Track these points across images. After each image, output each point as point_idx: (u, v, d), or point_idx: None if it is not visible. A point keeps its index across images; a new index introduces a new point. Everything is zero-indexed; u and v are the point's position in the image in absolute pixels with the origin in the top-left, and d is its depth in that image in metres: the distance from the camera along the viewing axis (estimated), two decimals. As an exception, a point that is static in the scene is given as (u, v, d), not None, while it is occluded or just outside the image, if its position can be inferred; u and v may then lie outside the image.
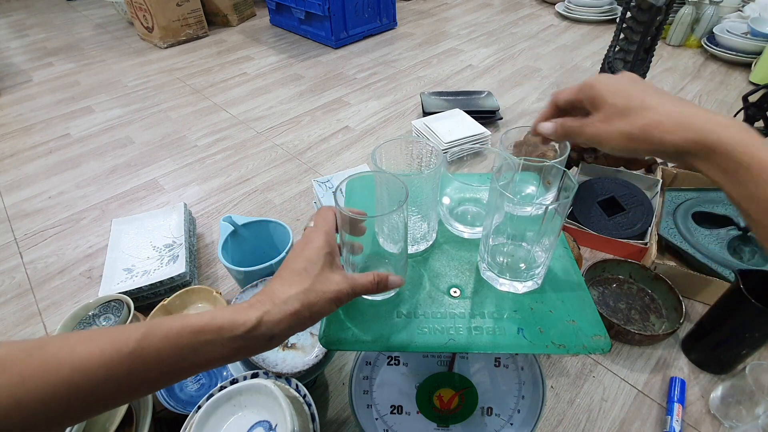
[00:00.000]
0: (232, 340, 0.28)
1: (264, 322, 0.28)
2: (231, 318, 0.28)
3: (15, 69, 1.65)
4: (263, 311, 0.29)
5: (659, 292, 0.70)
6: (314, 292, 0.30)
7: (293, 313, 0.29)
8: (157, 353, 0.26)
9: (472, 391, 0.45)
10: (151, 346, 0.25)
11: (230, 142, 1.17)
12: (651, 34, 0.84)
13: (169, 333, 0.26)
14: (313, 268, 0.31)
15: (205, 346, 0.27)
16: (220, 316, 0.28)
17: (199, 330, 0.27)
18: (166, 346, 0.26)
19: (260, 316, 0.28)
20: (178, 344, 0.26)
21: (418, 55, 1.62)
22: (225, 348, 0.28)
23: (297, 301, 0.29)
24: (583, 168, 0.90)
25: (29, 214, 0.96)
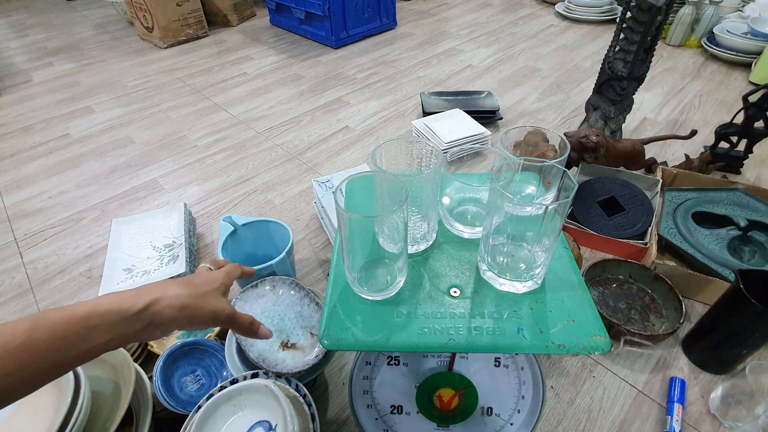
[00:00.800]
0: (118, 324, 0.29)
1: (151, 308, 0.31)
2: (117, 303, 0.30)
3: (15, 69, 1.65)
4: (152, 299, 0.31)
5: (659, 292, 0.70)
6: (203, 299, 0.35)
7: (181, 308, 0.32)
8: (46, 345, 0.26)
9: (472, 391, 0.45)
10: (39, 339, 0.26)
11: (230, 142, 1.17)
12: (651, 34, 0.84)
13: (56, 323, 0.27)
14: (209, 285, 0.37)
15: (93, 332, 0.28)
16: (105, 301, 0.30)
17: (86, 316, 0.28)
18: (54, 336, 0.26)
19: (149, 303, 0.31)
20: (66, 333, 0.27)
21: (418, 55, 1.62)
22: (111, 332, 0.29)
23: (188, 298, 0.33)
24: (583, 168, 0.90)
25: (29, 214, 0.96)
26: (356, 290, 0.40)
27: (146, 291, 0.32)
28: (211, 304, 0.35)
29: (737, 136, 0.90)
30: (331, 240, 0.83)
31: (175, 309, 0.32)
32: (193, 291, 0.34)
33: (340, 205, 0.33)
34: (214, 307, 0.35)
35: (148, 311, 0.31)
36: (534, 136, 0.46)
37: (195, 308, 0.34)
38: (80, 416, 0.43)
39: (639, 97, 1.21)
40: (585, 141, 0.84)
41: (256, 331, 0.40)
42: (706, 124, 1.14)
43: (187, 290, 0.34)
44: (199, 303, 0.34)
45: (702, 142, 1.05)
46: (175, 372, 0.57)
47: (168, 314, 0.32)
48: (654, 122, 1.17)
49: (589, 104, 1.02)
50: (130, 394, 0.47)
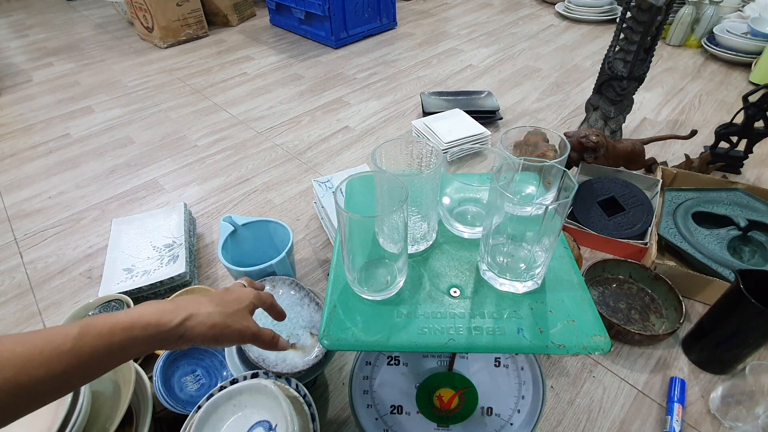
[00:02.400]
0: (155, 337, 0.31)
1: (185, 324, 0.32)
2: (157, 317, 0.31)
3: (15, 69, 1.65)
4: (187, 314, 0.33)
5: (659, 292, 0.70)
6: (232, 318, 0.36)
7: (212, 326, 0.34)
8: (92, 350, 0.28)
9: (472, 391, 0.45)
10: (86, 345, 0.28)
11: (230, 142, 1.17)
12: (651, 34, 0.84)
13: (102, 331, 0.28)
14: (238, 304, 0.38)
15: (133, 343, 0.30)
16: (146, 313, 0.31)
17: (129, 327, 0.30)
18: (100, 343, 0.28)
19: (184, 319, 0.32)
20: (110, 341, 0.29)
21: (418, 55, 1.62)
22: (148, 344, 0.31)
23: (218, 317, 0.35)
24: (583, 168, 0.90)
25: (29, 214, 0.96)
26: (356, 290, 0.40)
27: (183, 306, 0.33)
28: (239, 323, 0.36)
29: (737, 136, 0.90)
30: (331, 240, 0.83)
31: (206, 326, 0.34)
32: (224, 310, 0.36)
33: (340, 205, 0.33)
34: (241, 327, 0.37)
35: (182, 327, 0.32)
36: (534, 136, 0.46)
37: (224, 327, 0.35)
38: (80, 416, 0.43)
39: (639, 97, 1.21)
40: (585, 141, 0.84)
41: (276, 344, 0.41)
42: (706, 124, 1.14)
43: (219, 309, 0.35)
44: (228, 322, 0.35)
45: (702, 142, 1.05)
46: (175, 372, 0.57)
47: (199, 331, 0.33)
48: (654, 122, 1.17)
49: (589, 104, 1.02)
50: (130, 394, 0.47)
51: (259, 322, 0.47)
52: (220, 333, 0.35)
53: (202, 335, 0.33)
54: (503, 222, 0.37)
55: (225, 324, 0.35)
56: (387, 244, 0.44)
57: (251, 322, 0.38)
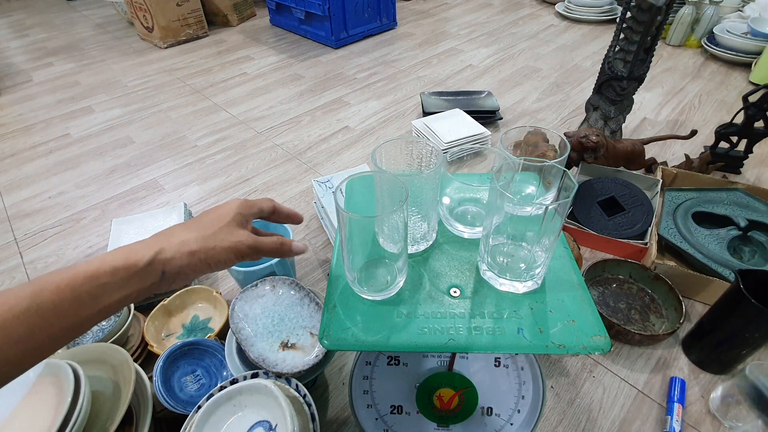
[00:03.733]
0: (129, 279, 0.28)
1: (158, 259, 0.29)
2: (124, 258, 0.28)
3: (15, 69, 1.65)
4: (158, 249, 0.29)
5: (659, 292, 0.70)
6: (214, 239, 0.32)
7: (189, 253, 0.30)
8: (54, 306, 0.25)
9: (472, 391, 0.45)
10: (45, 301, 0.25)
11: (230, 142, 1.17)
12: (651, 34, 0.84)
13: (60, 284, 0.26)
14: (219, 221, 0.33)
15: (103, 290, 0.27)
16: (111, 258, 0.28)
17: (93, 275, 0.27)
18: (62, 298, 0.26)
19: (154, 254, 0.29)
20: (74, 294, 0.26)
21: (418, 55, 1.62)
22: (124, 289, 0.28)
23: (195, 242, 0.31)
24: (583, 168, 0.90)
25: (29, 214, 0.96)
26: (356, 290, 0.40)
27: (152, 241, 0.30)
28: (226, 240, 0.32)
29: (737, 136, 0.90)
30: (331, 240, 0.83)
31: (185, 255, 0.30)
32: (201, 233, 0.32)
33: (340, 205, 0.33)
34: (230, 243, 0.32)
35: (156, 262, 0.29)
36: (534, 136, 0.46)
37: (207, 249, 0.31)
38: (80, 416, 0.43)
39: (639, 97, 1.21)
40: (585, 141, 0.84)
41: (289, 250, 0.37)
42: (706, 124, 1.14)
43: (194, 233, 0.32)
44: (210, 243, 0.31)
45: (702, 142, 1.05)
46: (175, 372, 0.57)
47: (178, 262, 0.30)
48: (654, 122, 1.17)
49: (589, 104, 1.02)
50: (130, 394, 0.47)
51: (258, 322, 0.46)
52: (207, 257, 0.31)
53: (184, 265, 0.30)
54: (503, 222, 0.37)
55: (207, 247, 0.31)
56: (387, 244, 0.44)
57: (243, 234, 0.34)
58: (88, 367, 0.49)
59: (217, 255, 0.32)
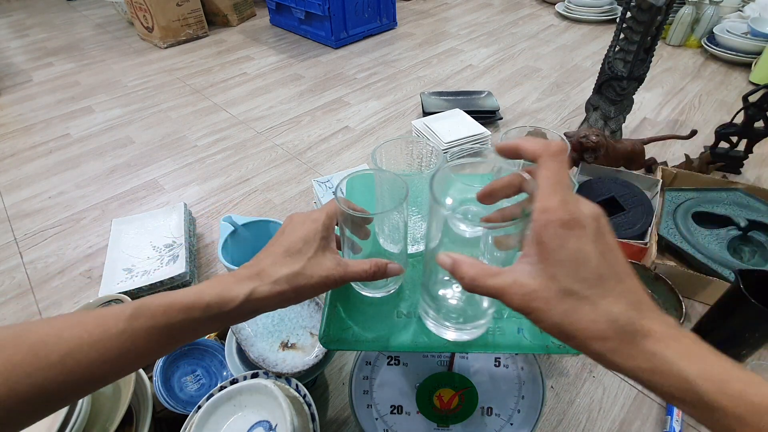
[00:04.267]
0: (219, 317, 0.28)
1: (251, 299, 0.28)
2: (218, 295, 0.28)
3: (15, 69, 1.65)
4: (251, 288, 0.29)
5: (659, 292, 0.70)
6: (304, 276, 0.30)
7: (279, 293, 0.29)
8: (147, 332, 0.26)
9: (472, 391, 0.45)
10: (140, 326, 0.26)
11: (230, 142, 1.17)
12: (651, 34, 0.84)
13: (156, 312, 0.26)
14: (307, 249, 0.31)
15: (195, 324, 0.27)
16: (207, 293, 0.28)
17: (188, 307, 0.27)
18: (154, 324, 0.26)
19: (248, 293, 0.28)
20: (167, 323, 0.26)
21: (418, 55, 1.62)
22: (212, 324, 0.28)
23: (286, 282, 0.29)
24: (583, 168, 0.90)
25: (29, 214, 0.96)
26: (356, 288, 0.40)
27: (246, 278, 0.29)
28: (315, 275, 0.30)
29: (737, 136, 0.90)
30: (331, 240, 0.83)
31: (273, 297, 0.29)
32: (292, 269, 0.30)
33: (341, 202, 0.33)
34: (319, 279, 0.30)
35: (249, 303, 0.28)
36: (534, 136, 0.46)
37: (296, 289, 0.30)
38: (80, 416, 0.43)
39: (639, 97, 1.21)
40: (585, 141, 0.84)
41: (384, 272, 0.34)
42: (706, 124, 1.14)
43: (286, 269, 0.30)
44: (300, 282, 0.30)
45: (702, 142, 1.05)
46: (175, 372, 0.57)
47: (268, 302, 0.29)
48: (654, 122, 1.17)
49: (589, 104, 1.02)
50: (130, 394, 0.47)
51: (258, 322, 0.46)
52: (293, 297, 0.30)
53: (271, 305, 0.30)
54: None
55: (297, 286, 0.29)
56: (387, 244, 0.44)
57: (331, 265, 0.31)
58: (88, 367, 0.49)
59: (305, 293, 0.31)
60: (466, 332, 0.35)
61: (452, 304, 0.35)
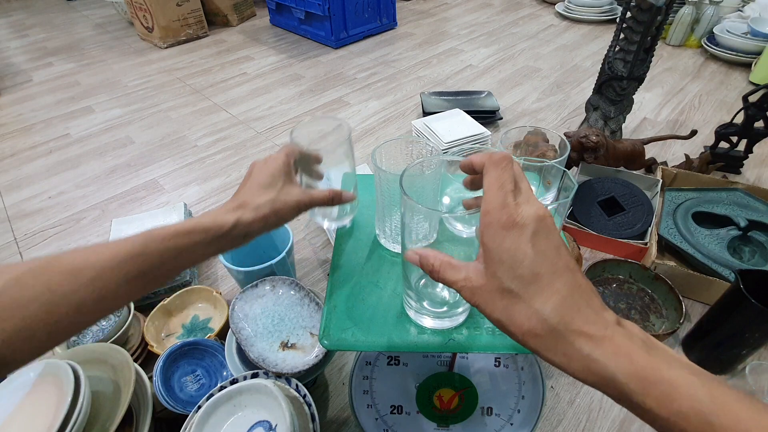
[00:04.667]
0: (216, 239, 0.33)
1: (240, 223, 0.34)
2: (213, 221, 0.33)
3: (15, 69, 1.65)
4: (239, 215, 0.34)
5: (659, 292, 0.70)
6: (280, 201, 0.36)
7: (263, 217, 0.35)
8: (159, 255, 0.30)
9: (472, 391, 0.45)
10: (153, 249, 0.30)
11: (230, 142, 1.17)
12: (651, 34, 0.84)
13: (165, 237, 0.31)
14: (276, 182, 0.37)
15: (195, 246, 0.32)
16: (203, 220, 0.33)
17: (190, 231, 0.32)
18: (165, 247, 0.31)
19: (236, 219, 0.34)
20: (175, 246, 0.31)
21: (418, 55, 1.62)
22: (210, 246, 0.33)
23: (267, 207, 0.35)
24: (583, 168, 0.90)
25: (29, 214, 0.96)
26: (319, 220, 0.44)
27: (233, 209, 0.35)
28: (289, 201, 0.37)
29: (737, 136, 0.90)
30: (331, 240, 0.83)
31: (258, 221, 0.35)
32: (269, 196, 0.36)
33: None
34: (293, 203, 0.37)
35: (239, 227, 0.34)
36: (534, 136, 0.46)
37: (276, 211, 0.36)
38: (80, 416, 0.43)
39: (639, 97, 1.21)
40: (585, 141, 0.84)
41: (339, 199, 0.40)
42: (706, 124, 1.14)
43: (263, 197, 0.36)
44: (278, 206, 0.36)
45: (702, 142, 1.05)
46: (175, 372, 0.57)
47: (255, 226, 0.35)
48: (654, 122, 1.17)
49: (589, 104, 1.02)
50: (130, 394, 0.47)
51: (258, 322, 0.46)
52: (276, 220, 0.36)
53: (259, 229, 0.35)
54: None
55: (275, 209, 0.36)
56: (388, 243, 0.44)
57: (299, 192, 0.38)
58: (88, 367, 0.49)
59: (284, 215, 0.37)
60: (445, 320, 0.36)
61: (428, 293, 0.36)
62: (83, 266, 0.28)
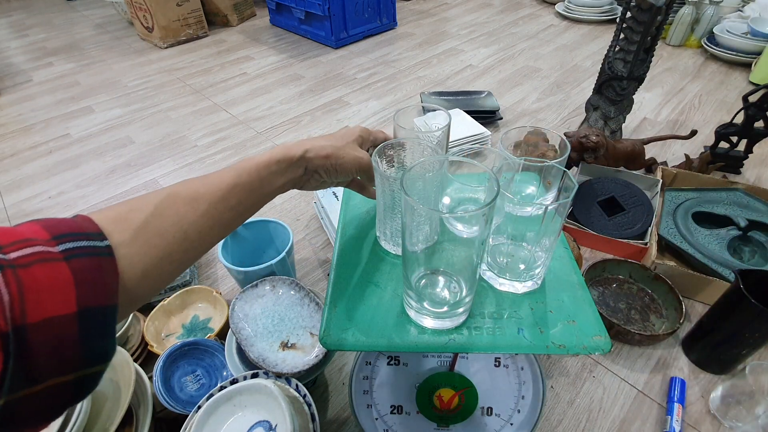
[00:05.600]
0: (287, 169, 0.37)
1: (305, 156, 0.38)
2: (282, 153, 0.37)
3: (15, 69, 1.65)
4: (305, 148, 0.38)
5: (659, 292, 0.70)
6: (344, 150, 0.40)
7: (326, 156, 0.39)
8: (250, 184, 0.35)
9: (472, 391, 0.45)
10: (244, 180, 0.34)
11: (230, 142, 1.17)
12: (651, 34, 0.84)
13: (250, 170, 0.35)
14: (347, 138, 0.42)
15: (274, 176, 0.36)
16: (276, 152, 0.37)
17: (267, 163, 0.36)
18: (253, 178, 0.35)
19: (303, 152, 0.38)
20: (259, 176, 0.35)
21: (418, 55, 1.62)
22: (285, 176, 0.37)
23: (331, 148, 0.39)
24: (583, 168, 0.90)
25: (29, 214, 0.96)
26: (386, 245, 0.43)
27: (300, 144, 0.38)
28: (351, 153, 0.40)
29: (737, 136, 0.90)
30: (331, 240, 0.83)
31: (321, 157, 0.38)
32: (334, 143, 0.40)
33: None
34: (355, 157, 0.40)
35: (304, 158, 0.37)
36: (534, 136, 0.46)
37: (337, 157, 0.39)
38: (80, 416, 0.43)
39: (639, 97, 1.21)
40: (585, 141, 0.84)
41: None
42: (706, 124, 1.14)
43: (330, 142, 0.40)
44: (340, 153, 0.39)
45: (702, 142, 1.05)
46: (175, 372, 0.57)
47: (317, 162, 0.38)
48: (654, 122, 1.17)
49: (589, 104, 1.02)
50: (130, 394, 0.47)
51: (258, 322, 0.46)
52: (336, 163, 0.39)
53: (320, 165, 0.38)
54: (503, 222, 0.37)
55: (338, 155, 0.39)
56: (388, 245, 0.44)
57: (363, 153, 0.41)
58: (88, 367, 0.49)
59: (345, 164, 0.39)
60: (445, 321, 0.37)
61: (429, 293, 0.36)
62: (199, 197, 0.31)
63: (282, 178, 0.37)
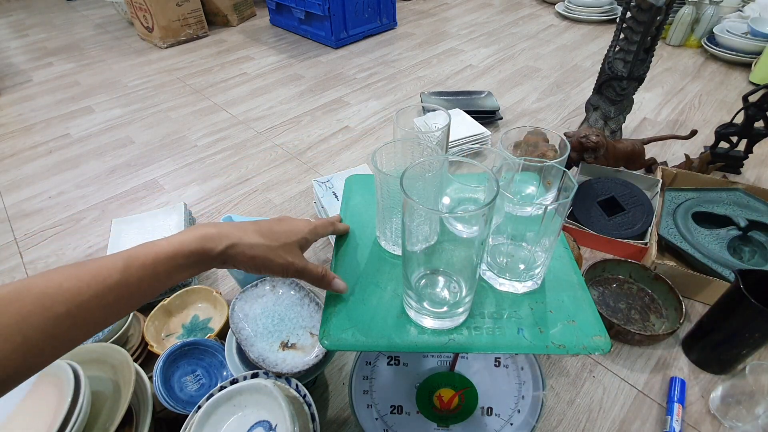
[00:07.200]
0: (199, 263, 0.33)
1: (227, 253, 0.33)
2: (199, 244, 0.32)
3: (15, 69, 1.65)
4: (230, 244, 0.33)
5: (659, 292, 0.70)
6: (275, 252, 0.36)
7: (252, 257, 0.35)
8: (138, 281, 0.30)
9: (472, 391, 0.45)
10: (132, 276, 0.29)
11: (230, 142, 1.17)
12: (651, 34, 0.84)
13: (145, 262, 0.30)
14: (286, 238, 0.37)
15: (178, 270, 0.31)
16: (187, 242, 0.32)
17: (172, 256, 0.31)
18: (145, 274, 0.30)
19: (226, 248, 0.33)
20: (155, 271, 0.30)
21: (418, 55, 1.62)
22: (192, 270, 0.32)
23: (261, 250, 0.35)
24: (583, 168, 0.90)
25: (29, 214, 0.96)
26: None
27: (226, 233, 0.34)
28: (283, 258, 0.36)
29: (737, 136, 0.90)
30: (331, 240, 0.83)
31: (247, 257, 0.34)
32: (269, 243, 0.36)
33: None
34: (285, 261, 0.36)
35: (225, 254, 0.33)
36: (534, 136, 0.46)
37: (265, 260, 0.35)
38: (80, 416, 0.43)
39: (639, 97, 1.21)
40: (585, 141, 0.84)
41: (329, 282, 0.39)
42: (706, 124, 1.14)
43: (264, 241, 0.35)
44: (270, 256, 0.36)
45: (702, 142, 1.05)
46: (175, 372, 0.57)
47: (240, 260, 0.34)
48: (654, 122, 1.17)
49: (589, 104, 1.02)
50: (130, 394, 0.47)
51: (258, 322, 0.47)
52: (262, 265, 0.36)
53: (242, 263, 0.35)
54: (503, 222, 0.37)
55: (267, 258, 0.35)
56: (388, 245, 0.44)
57: (297, 257, 0.38)
58: (88, 367, 0.49)
59: (272, 267, 0.36)
60: (445, 321, 0.36)
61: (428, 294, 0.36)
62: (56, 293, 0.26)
63: (185, 273, 0.32)
